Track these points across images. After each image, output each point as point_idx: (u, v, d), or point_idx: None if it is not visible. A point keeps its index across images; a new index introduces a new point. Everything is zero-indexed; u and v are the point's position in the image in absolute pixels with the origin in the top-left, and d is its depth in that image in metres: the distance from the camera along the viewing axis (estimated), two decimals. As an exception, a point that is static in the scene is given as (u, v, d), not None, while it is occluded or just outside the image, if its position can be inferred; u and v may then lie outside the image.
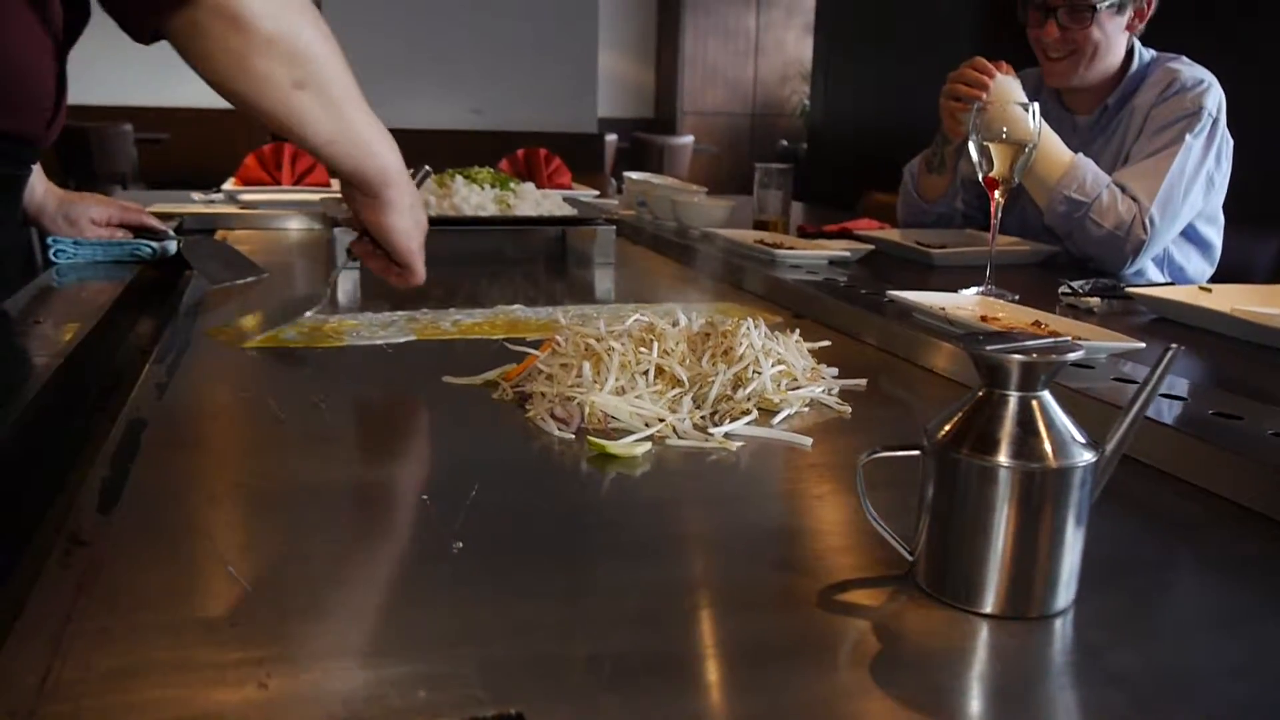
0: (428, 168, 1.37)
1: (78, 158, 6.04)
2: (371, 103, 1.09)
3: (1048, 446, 0.58)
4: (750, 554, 0.69)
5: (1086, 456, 0.59)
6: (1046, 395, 0.60)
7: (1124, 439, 0.60)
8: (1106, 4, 1.89)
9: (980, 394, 0.61)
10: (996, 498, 0.58)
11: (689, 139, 8.02)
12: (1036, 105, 1.49)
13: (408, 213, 1.19)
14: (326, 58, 1.03)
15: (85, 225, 1.57)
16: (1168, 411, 0.91)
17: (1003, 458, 0.58)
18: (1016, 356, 0.58)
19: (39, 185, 1.55)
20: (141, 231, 1.63)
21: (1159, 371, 0.59)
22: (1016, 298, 1.45)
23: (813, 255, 1.73)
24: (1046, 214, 1.89)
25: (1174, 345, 0.60)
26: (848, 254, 1.77)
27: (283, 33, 0.98)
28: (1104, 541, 0.63)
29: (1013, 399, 0.59)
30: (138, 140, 6.58)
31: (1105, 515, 0.61)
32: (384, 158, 1.12)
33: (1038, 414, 0.59)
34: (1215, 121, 1.88)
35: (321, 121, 1.04)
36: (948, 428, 0.61)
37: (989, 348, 0.59)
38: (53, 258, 1.54)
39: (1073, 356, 0.58)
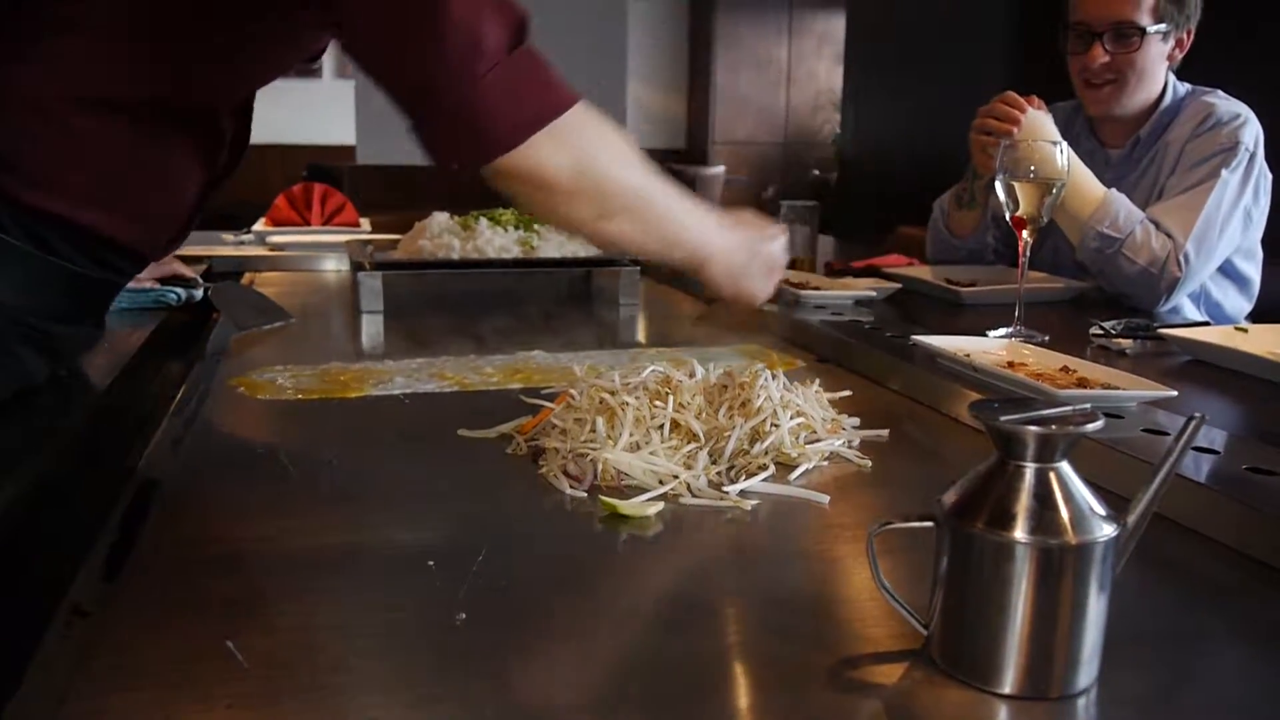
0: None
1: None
2: (405, 141, 1.08)
3: (1066, 521, 0.56)
4: (762, 624, 0.67)
5: (1107, 531, 0.56)
6: (1065, 466, 0.57)
7: (1146, 511, 0.58)
8: (1154, 29, 1.86)
9: (995, 463, 0.58)
10: (1013, 575, 0.56)
11: (720, 169, 8.03)
12: (1065, 144, 1.46)
13: (735, 281, 1.21)
14: (629, 187, 1.07)
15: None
16: (1198, 466, 0.88)
17: (1019, 533, 0.56)
18: (1033, 428, 0.56)
19: None
20: (171, 278, 1.64)
21: (1181, 443, 0.57)
22: (1046, 339, 1.43)
23: (838, 295, 1.71)
24: (1079, 250, 1.86)
25: (1197, 414, 0.58)
26: (874, 293, 1.75)
27: (584, 184, 1.03)
28: (1129, 609, 0.61)
29: (1029, 470, 0.57)
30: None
31: (1131, 578, 0.59)
32: (687, 248, 1.15)
33: (1055, 486, 0.57)
34: (1253, 156, 1.84)
35: (629, 237, 1.10)
36: (962, 499, 0.59)
37: (1004, 417, 0.57)
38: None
39: (1091, 428, 0.56)
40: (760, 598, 0.71)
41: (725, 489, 0.87)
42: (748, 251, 1.21)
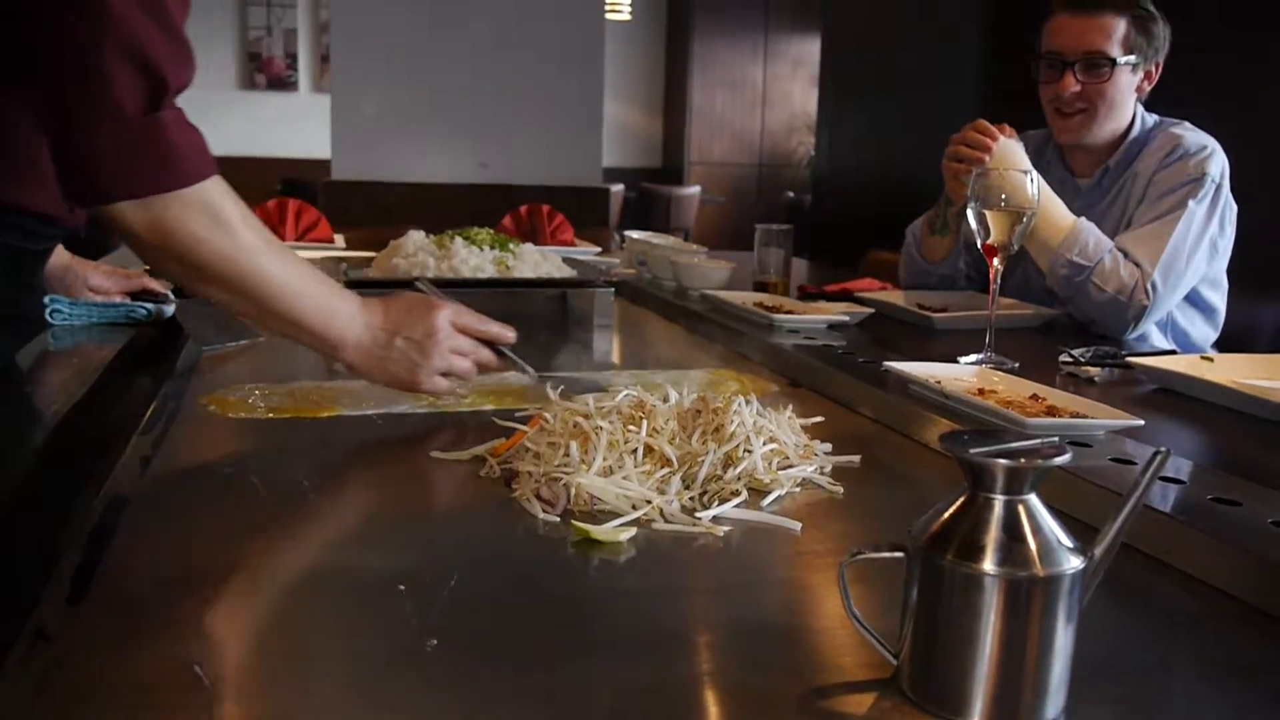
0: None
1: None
2: (381, 156, 1.10)
3: (1034, 553, 0.57)
4: (733, 652, 0.67)
5: (1074, 563, 0.57)
6: (1033, 499, 0.58)
7: (1113, 544, 0.59)
8: (1124, 60, 1.89)
9: (965, 496, 0.59)
10: (982, 606, 0.56)
11: (696, 189, 8.07)
12: (1036, 173, 1.48)
13: (377, 369, 1.16)
14: (223, 262, 1.06)
15: (81, 290, 1.57)
16: (1164, 496, 0.89)
17: (988, 565, 0.56)
18: (1002, 461, 0.57)
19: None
20: (142, 293, 1.63)
21: (1147, 477, 0.58)
22: (1016, 365, 1.44)
23: (811, 320, 1.72)
24: (1048, 277, 1.88)
25: (1163, 449, 0.59)
26: (847, 318, 1.76)
27: (172, 248, 1.04)
28: (1096, 638, 0.62)
29: (998, 503, 0.58)
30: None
31: (1095, 607, 0.59)
32: (310, 333, 1.13)
33: (1024, 518, 0.58)
34: (1219, 187, 1.87)
35: (241, 311, 1.11)
36: (932, 530, 0.59)
37: (973, 450, 0.58)
38: (49, 318, 1.54)
39: (1059, 461, 0.57)
40: (732, 626, 0.71)
41: (698, 515, 0.87)
42: (387, 337, 1.15)
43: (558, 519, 0.87)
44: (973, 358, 1.48)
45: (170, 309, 1.64)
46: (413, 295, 1.22)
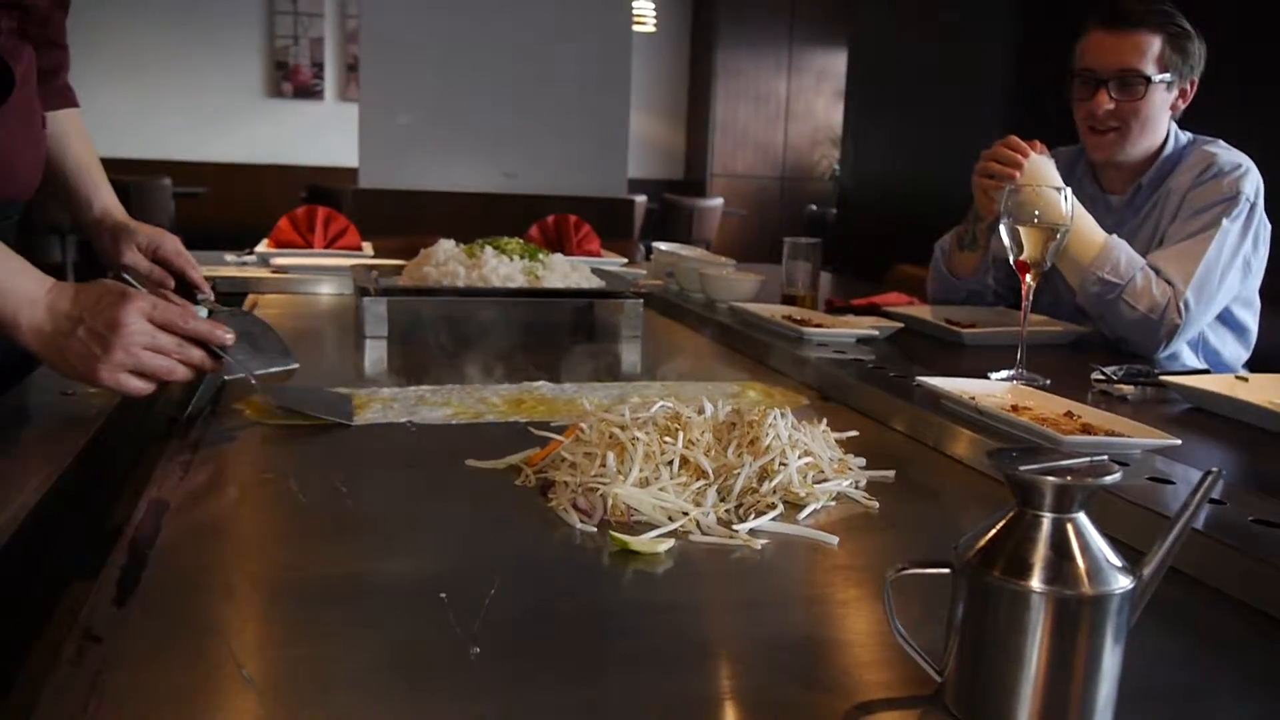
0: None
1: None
2: (408, 165, 1.09)
3: (1083, 572, 0.56)
4: (773, 666, 0.67)
5: (1123, 583, 0.57)
6: (1082, 517, 0.58)
7: (1162, 565, 0.59)
8: (1159, 78, 1.89)
9: (1013, 513, 0.59)
10: (1029, 624, 0.56)
11: (719, 201, 8.08)
12: (1069, 190, 1.48)
13: (54, 354, 1.07)
14: None
15: (126, 250, 1.52)
16: (1203, 516, 0.89)
17: (1036, 582, 0.56)
18: (1051, 479, 0.56)
19: (96, 201, 1.55)
20: (181, 284, 1.58)
21: (1198, 498, 0.58)
22: (1048, 382, 1.44)
23: (841, 334, 1.72)
24: (1079, 295, 1.87)
25: (1213, 470, 0.59)
26: (876, 332, 1.76)
27: None
28: (1138, 660, 0.61)
29: (1046, 520, 0.58)
30: (175, 194, 6.70)
31: (1138, 629, 0.59)
32: None
33: (1072, 537, 0.57)
34: (1253, 206, 1.86)
35: None
36: (979, 546, 0.59)
37: (1022, 467, 0.58)
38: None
39: (1109, 480, 0.57)
40: (772, 640, 0.71)
41: (735, 527, 0.88)
42: (70, 325, 1.06)
43: (594, 529, 0.88)
44: (1004, 374, 1.47)
45: (204, 314, 1.65)
46: (109, 283, 1.11)
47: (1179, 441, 1.09)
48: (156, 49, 7.93)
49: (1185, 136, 2.00)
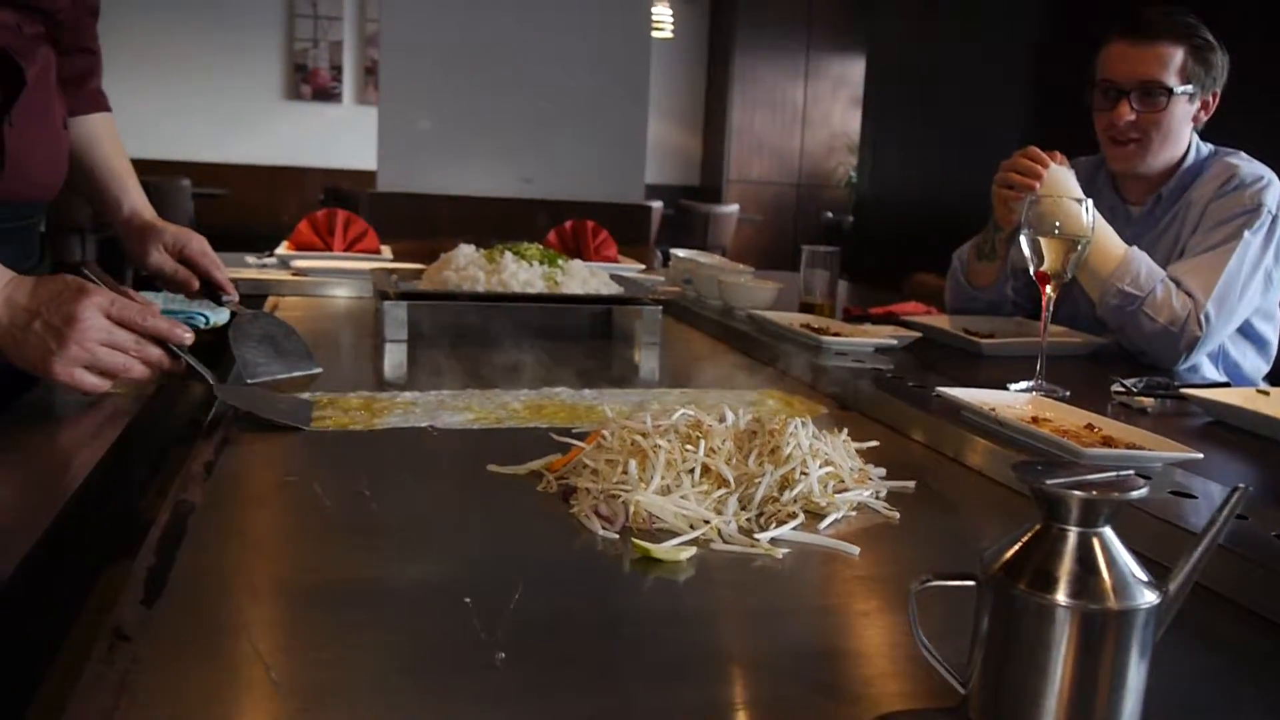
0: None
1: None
2: (426, 169, 1.09)
3: (1109, 586, 0.56)
4: (795, 676, 0.67)
5: (1149, 598, 0.57)
6: (1108, 531, 0.58)
7: (1188, 580, 0.59)
8: (1181, 89, 1.88)
9: (1038, 526, 0.59)
10: (1054, 637, 0.56)
11: (734, 208, 8.08)
12: (1090, 201, 1.48)
13: (11, 349, 1.07)
14: None
15: (152, 250, 1.50)
16: (1228, 532, 0.88)
17: (1061, 596, 0.56)
18: (1077, 493, 0.56)
19: (125, 202, 1.55)
20: (205, 284, 1.56)
21: (1225, 514, 0.58)
22: (1067, 394, 1.43)
23: (859, 343, 1.72)
24: (1099, 306, 1.87)
25: (1241, 485, 0.59)
26: (894, 342, 1.76)
27: None
28: (1163, 676, 0.61)
29: (1072, 534, 0.58)
30: (195, 195, 6.74)
31: (1163, 645, 0.59)
32: None
33: (1098, 551, 0.57)
34: (1275, 219, 1.85)
35: None
36: (1005, 559, 0.59)
37: (1049, 481, 0.58)
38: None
39: (1136, 495, 0.57)
40: (795, 649, 0.71)
41: (756, 536, 0.88)
42: (27, 318, 1.06)
43: (616, 536, 0.88)
44: (1023, 385, 1.47)
45: (226, 315, 1.66)
46: (67, 278, 1.11)
47: (1201, 455, 1.09)
48: (178, 51, 7.99)
49: (1207, 148, 1.99)
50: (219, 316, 1.64)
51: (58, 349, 1.06)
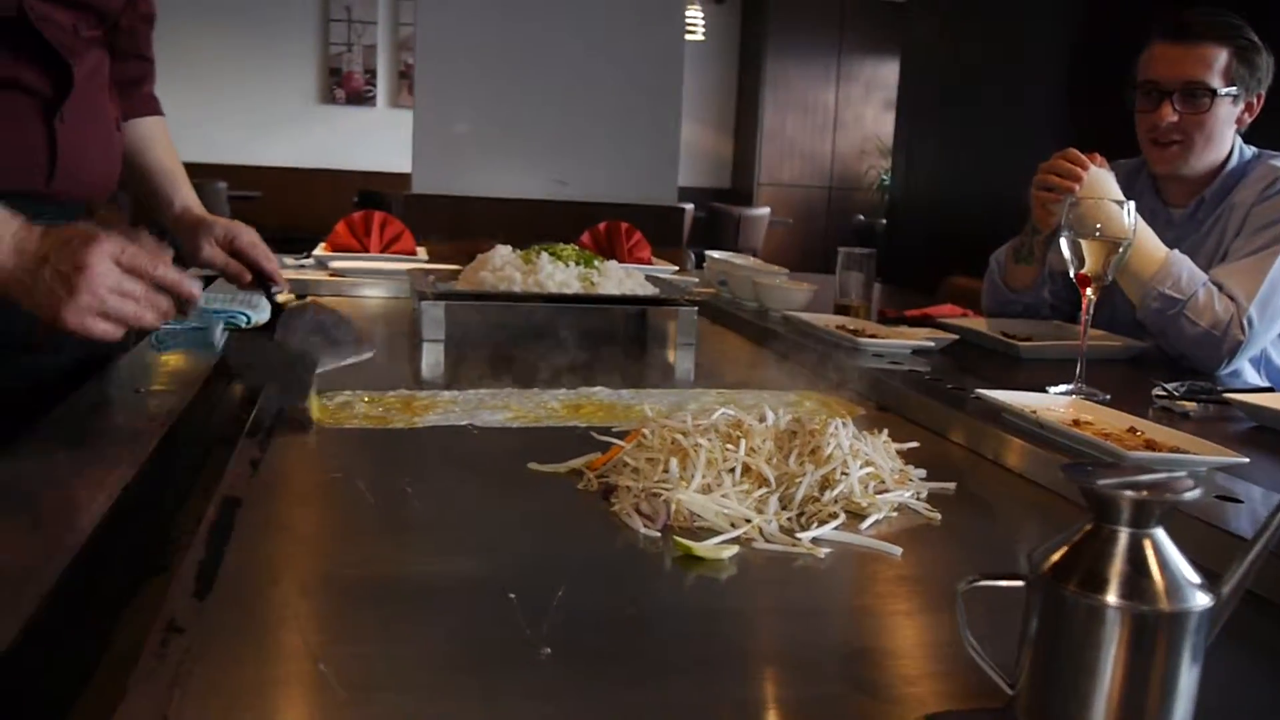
0: None
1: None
2: (461, 171, 1.08)
3: (1160, 588, 0.56)
4: (838, 675, 0.67)
5: (1202, 600, 0.56)
6: (1160, 533, 0.58)
7: (1240, 585, 0.58)
8: (1225, 91, 1.86)
9: (1089, 527, 0.59)
10: (1105, 639, 0.56)
11: (765, 210, 8.07)
12: (1132, 204, 1.46)
13: (24, 296, 1.05)
14: None
15: (204, 244, 1.51)
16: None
17: (1112, 597, 0.56)
18: (1129, 493, 0.56)
19: (176, 200, 1.58)
20: (257, 276, 1.57)
21: (1278, 519, 0.57)
22: (1108, 398, 1.42)
23: (896, 345, 1.72)
24: (1139, 310, 1.85)
25: (1296, 488, 0.58)
26: (931, 344, 1.75)
27: None
28: (1214, 680, 0.61)
29: (1123, 535, 0.57)
30: (231, 197, 6.82)
31: (1214, 649, 0.58)
32: None
33: (1150, 553, 0.57)
34: (1320, 223, 1.83)
35: None
36: (1054, 560, 0.59)
37: (1100, 481, 0.57)
38: (152, 322, 1.59)
39: (1189, 496, 0.56)
40: (839, 648, 0.71)
41: (798, 535, 0.88)
42: (36, 264, 1.04)
43: (658, 534, 0.88)
44: (1063, 388, 1.46)
45: (267, 314, 1.68)
46: (80, 225, 1.10)
47: (1246, 459, 1.07)
48: (214, 57, 8.08)
49: (1250, 150, 1.97)
50: (260, 315, 1.66)
51: (68, 297, 1.04)
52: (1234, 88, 1.87)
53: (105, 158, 1.40)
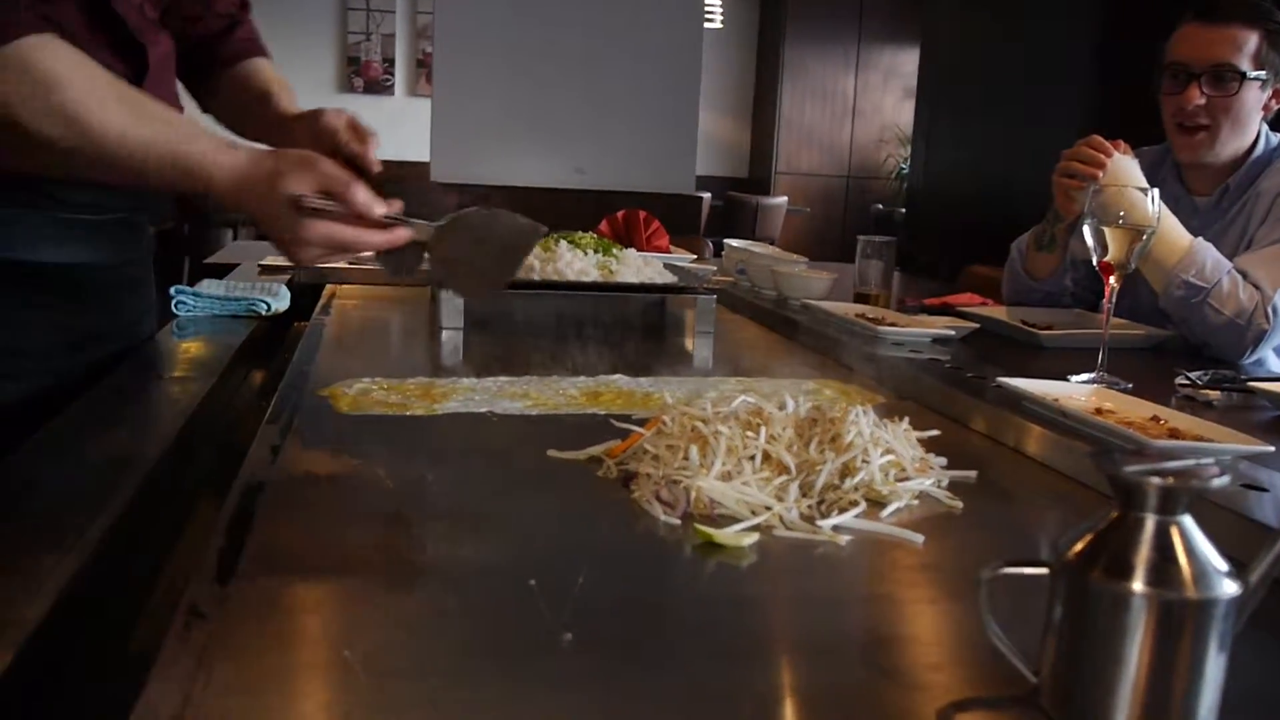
0: None
1: (193, 200, 6.29)
2: (479, 160, 1.07)
3: (1187, 575, 0.56)
4: (860, 662, 0.67)
5: (1229, 588, 0.56)
6: (1187, 520, 0.57)
7: (1268, 573, 0.57)
8: (1254, 74, 1.84)
9: (1115, 514, 0.58)
10: (1130, 626, 0.56)
11: (783, 199, 8.03)
12: (1156, 191, 1.45)
13: (251, 207, 1.10)
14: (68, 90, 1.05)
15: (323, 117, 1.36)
16: (1302, 526, 0.87)
17: (1138, 584, 0.55)
18: (1155, 480, 0.56)
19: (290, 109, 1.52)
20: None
21: (1311, 504, 0.57)
22: (1130, 386, 1.41)
23: (916, 333, 1.71)
24: (1162, 298, 1.83)
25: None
26: (952, 332, 1.74)
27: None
28: (1241, 669, 0.60)
29: (1150, 522, 0.57)
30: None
31: (1242, 638, 0.58)
32: (179, 161, 1.08)
33: (1177, 540, 0.56)
34: (1346, 211, 1.81)
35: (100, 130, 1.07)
36: (1079, 548, 0.58)
37: (1126, 468, 0.57)
38: (174, 309, 1.60)
39: (1217, 483, 0.56)
40: (862, 636, 0.71)
41: (819, 523, 0.88)
42: (267, 179, 1.07)
43: (678, 521, 0.88)
44: (1085, 376, 1.45)
45: (286, 302, 1.69)
46: (298, 152, 1.12)
47: (1272, 448, 1.06)
48: (233, 45, 8.09)
49: (1276, 138, 1.94)
50: (280, 303, 1.67)
51: (295, 253, 1.11)
52: (1263, 72, 1.84)
53: None
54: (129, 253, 1.38)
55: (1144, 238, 1.44)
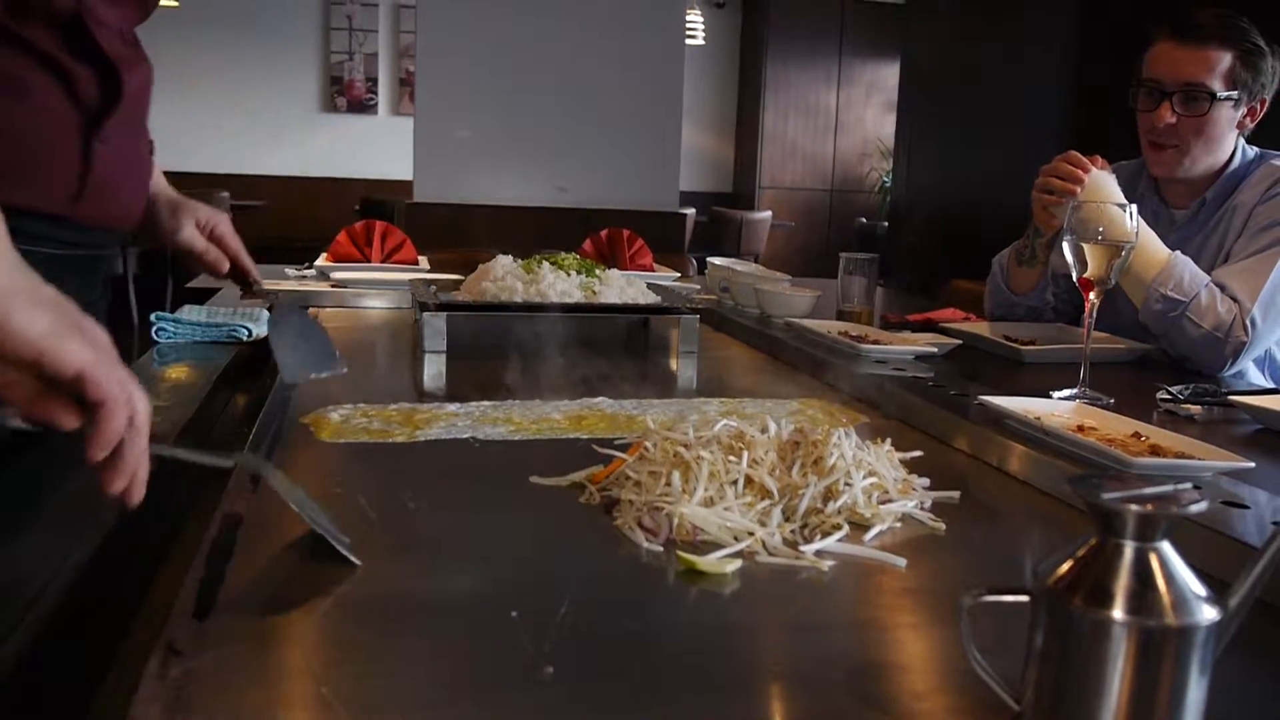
0: None
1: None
2: (462, 179, 1.06)
3: (1167, 602, 0.56)
4: (844, 690, 0.67)
5: (1209, 614, 0.56)
6: (1166, 546, 0.57)
7: (1248, 597, 0.57)
8: (1225, 94, 1.85)
9: (1094, 541, 0.58)
10: (1111, 654, 0.56)
11: (767, 214, 8.06)
12: (1134, 206, 1.46)
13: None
14: None
15: (185, 223, 1.44)
16: (1283, 544, 0.87)
17: (1118, 612, 0.55)
18: (1134, 508, 0.56)
19: (151, 182, 1.45)
20: (234, 265, 1.50)
21: (1286, 530, 0.57)
22: (1112, 401, 1.41)
23: (899, 350, 1.71)
24: (1142, 312, 1.84)
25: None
26: (935, 349, 1.75)
27: None
28: (1223, 694, 0.60)
29: (1129, 549, 0.57)
30: (233, 206, 6.83)
31: (1222, 661, 0.58)
32: None
33: (1156, 566, 0.57)
34: (1323, 223, 1.82)
35: None
36: (1059, 574, 0.58)
37: (1105, 495, 0.57)
38: (154, 336, 1.59)
39: (1195, 509, 0.56)
40: (842, 662, 0.71)
41: (802, 549, 0.87)
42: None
43: (660, 548, 0.88)
44: (1066, 392, 1.45)
45: (266, 328, 1.68)
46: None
47: (1252, 464, 1.07)
48: (215, 66, 8.10)
49: (1253, 151, 1.96)
50: (260, 329, 1.66)
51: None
52: (1235, 92, 1.86)
53: (136, 184, 1.34)
54: (86, 294, 1.33)
55: (1123, 253, 1.45)
